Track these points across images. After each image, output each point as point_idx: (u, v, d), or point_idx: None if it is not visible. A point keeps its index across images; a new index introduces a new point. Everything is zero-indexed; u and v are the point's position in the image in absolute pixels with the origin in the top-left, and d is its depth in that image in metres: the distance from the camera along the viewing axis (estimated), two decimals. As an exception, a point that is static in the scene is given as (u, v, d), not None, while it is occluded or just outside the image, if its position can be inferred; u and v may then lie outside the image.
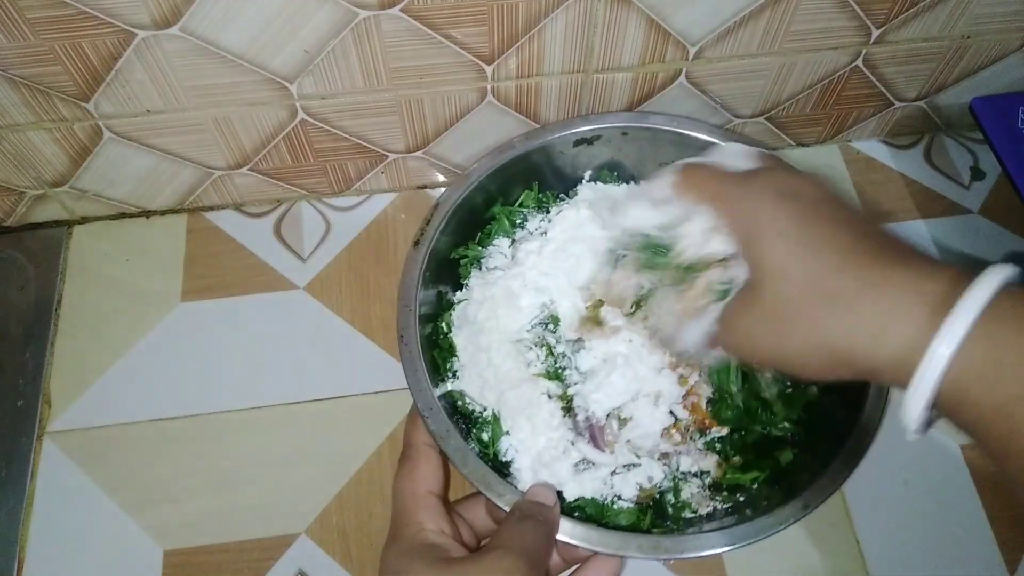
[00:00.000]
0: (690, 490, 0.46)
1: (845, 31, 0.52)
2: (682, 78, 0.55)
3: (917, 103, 0.61)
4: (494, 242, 0.53)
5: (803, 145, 0.65)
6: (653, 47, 0.51)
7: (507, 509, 0.40)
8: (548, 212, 0.53)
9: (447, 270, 0.51)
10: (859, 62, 0.56)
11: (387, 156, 0.58)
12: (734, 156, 0.40)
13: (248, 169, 0.57)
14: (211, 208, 0.61)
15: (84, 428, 0.52)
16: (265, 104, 0.52)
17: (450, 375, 0.48)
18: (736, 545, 0.40)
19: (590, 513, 0.45)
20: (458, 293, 0.51)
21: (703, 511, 0.46)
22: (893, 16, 0.52)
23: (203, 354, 0.55)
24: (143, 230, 0.60)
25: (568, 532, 0.40)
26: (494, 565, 0.36)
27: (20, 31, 0.44)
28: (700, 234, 0.38)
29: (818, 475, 0.42)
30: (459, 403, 0.47)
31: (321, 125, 0.54)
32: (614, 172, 0.55)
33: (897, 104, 0.61)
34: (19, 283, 0.57)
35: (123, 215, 0.60)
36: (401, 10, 0.46)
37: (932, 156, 0.64)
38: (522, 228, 0.53)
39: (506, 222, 0.53)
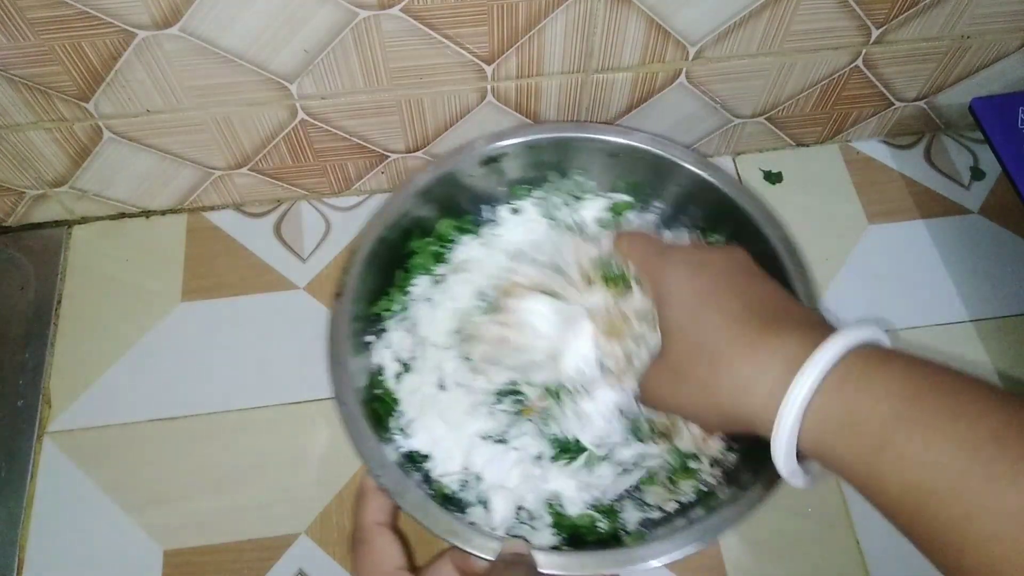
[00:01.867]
0: (654, 492, 0.46)
1: (845, 31, 0.52)
2: (682, 78, 0.55)
3: (917, 103, 0.61)
4: (413, 282, 0.51)
5: (803, 145, 0.65)
6: (653, 47, 0.52)
7: (478, 554, 0.39)
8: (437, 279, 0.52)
9: (372, 320, 0.50)
10: (859, 62, 0.56)
11: (387, 156, 0.58)
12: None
13: (248, 169, 0.57)
14: (211, 208, 0.61)
15: (84, 428, 0.52)
16: (265, 104, 0.52)
17: (398, 431, 0.47)
18: (711, 538, 0.40)
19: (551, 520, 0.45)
20: (384, 344, 0.50)
21: (669, 508, 0.46)
22: (893, 16, 0.52)
23: (203, 354, 0.55)
24: (143, 230, 0.60)
25: (544, 563, 0.39)
26: None
27: (20, 31, 0.44)
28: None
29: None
30: (440, 490, 0.46)
31: (321, 125, 0.54)
32: (526, 186, 0.54)
33: (897, 104, 0.61)
34: (19, 283, 0.57)
35: (123, 215, 0.60)
36: (401, 10, 0.46)
37: (932, 156, 0.64)
38: (446, 263, 0.52)
39: (429, 255, 0.52)
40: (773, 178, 0.63)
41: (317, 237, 0.60)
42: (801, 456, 0.33)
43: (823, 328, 0.34)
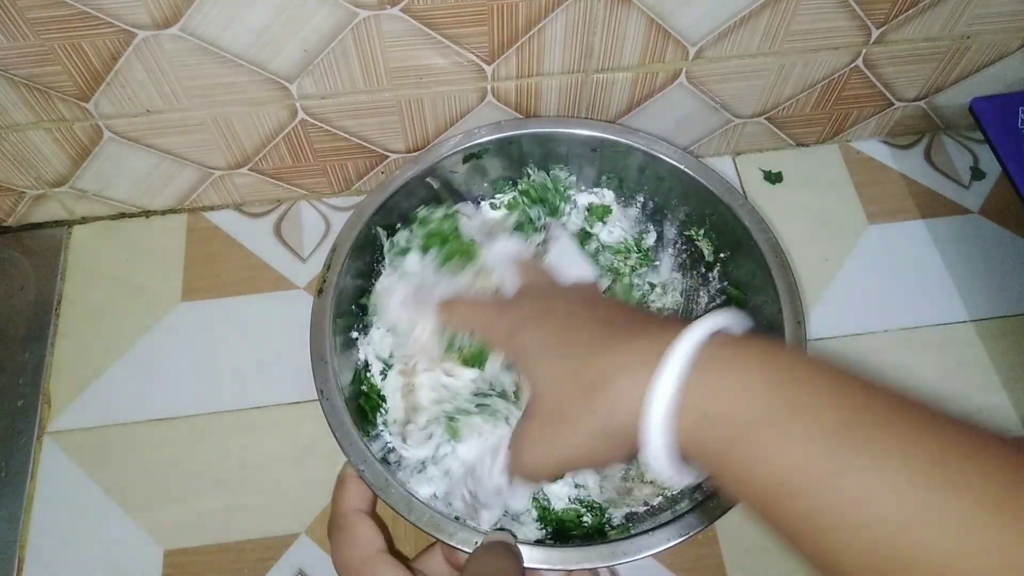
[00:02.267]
0: (640, 487, 0.47)
1: (845, 31, 0.52)
2: (682, 78, 0.55)
3: (917, 103, 0.61)
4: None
5: (803, 145, 0.65)
6: (653, 47, 0.52)
7: (462, 548, 0.39)
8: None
9: (356, 315, 0.50)
10: (859, 62, 0.56)
11: (387, 156, 0.58)
12: (500, 262, 0.47)
13: (248, 169, 0.57)
14: (211, 208, 0.61)
15: (84, 428, 0.52)
16: (265, 104, 0.52)
17: (383, 426, 0.47)
18: (692, 533, 0.40)
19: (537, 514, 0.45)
20: (368, 341, 0.50)
21: (655, 502, 0.46)
22: (893, 16, 0.52)
23: (203, 354, 0.55)
24: (143, 230, 0.60)
25: (528, 557, 0.39)
26: None
27: (20, 31, 0.44)
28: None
29: None
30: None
31: (321, 125, 0.54)
32: (509, 181, 0.55)
33: (897, 104, 0.61)
34: (19, 283, 0.57)
35: (123, 215, 0.60)
36: (401, 10, 0.46)
37: (932, 156, 0.64)
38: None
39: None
40: (773, 178, 0.63)
41: (317, 237, 0.60)
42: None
43: (681, 325, 0.32)
